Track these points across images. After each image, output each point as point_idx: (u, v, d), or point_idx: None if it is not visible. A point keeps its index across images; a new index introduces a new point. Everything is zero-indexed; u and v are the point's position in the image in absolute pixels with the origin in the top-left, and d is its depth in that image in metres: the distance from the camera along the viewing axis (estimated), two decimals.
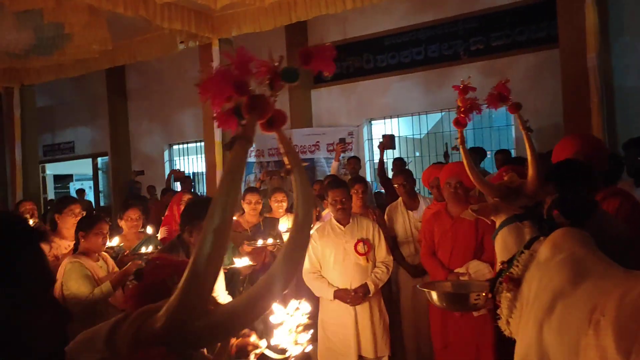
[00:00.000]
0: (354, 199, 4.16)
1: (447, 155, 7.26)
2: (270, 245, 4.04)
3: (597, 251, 2.03)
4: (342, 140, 7.18)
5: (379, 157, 6.35)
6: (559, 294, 1.91)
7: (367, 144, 8.84)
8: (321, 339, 3.78)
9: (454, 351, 3.61)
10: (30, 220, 4.84)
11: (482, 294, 2.63)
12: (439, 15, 8.00)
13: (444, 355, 3.65)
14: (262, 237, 4.12)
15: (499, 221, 2.53)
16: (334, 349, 3.71)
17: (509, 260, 2.38)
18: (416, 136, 8.77)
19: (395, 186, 4.69)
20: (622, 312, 1.57)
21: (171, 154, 11.14)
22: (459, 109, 2.54)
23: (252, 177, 8.22)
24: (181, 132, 10.62)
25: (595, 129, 5.12)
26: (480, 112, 2.59)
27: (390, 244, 4.06)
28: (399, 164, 6.55)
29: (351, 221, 3.79)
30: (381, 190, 6.95)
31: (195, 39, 6.98)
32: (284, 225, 4.60)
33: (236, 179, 0.88)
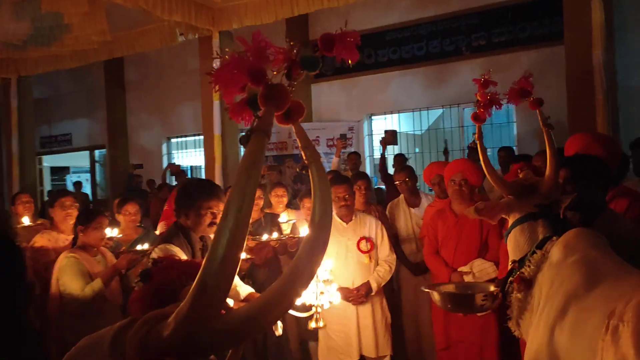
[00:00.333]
0: (357, 195, 4.09)
1: (446, 151, 7.21)
2: (274, 240, 3.97)
3: (612, 253, 1.97)
4: (343, 136, 7.12)
5: (379, 152, 6.29)
6: (572, 297, 1.85)
7: (367, 139, 8.78)
8: (322, 338, 3.72)
9: (456, 351, 3.56)
10: (25, 215, 4.76)
11: (489, 295, 2.58)
12: (441, 10, 7.93)
13: (446, 355, 3.59)
14: (265, 233, 4.06)
15: (512, 219, 2.47)
16: (335, 348, 3.65)
17: (521, 259, 2.33)
18: (417, 132, 8.71)
19: (397, 183, 4.64)
20: None
21: (169, 148, 11.06)
22: (478, 103, 2.46)
23: None
24: (180, 125, 10.54)
25: (600, 127, 5.06)
26: (500, 107, 2.52)
27: (392, 242, 4.01)
28: (400, 160, 6.49)
29: (354, 218, 3.73)
30: (381, 186, 6.90)
31: (195, 31, 6.89)
32: (284, 216, 4.55)
33: (253, 175, 0.80)
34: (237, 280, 2.94)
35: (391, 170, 6.57)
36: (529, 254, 2.28)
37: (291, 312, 2.61)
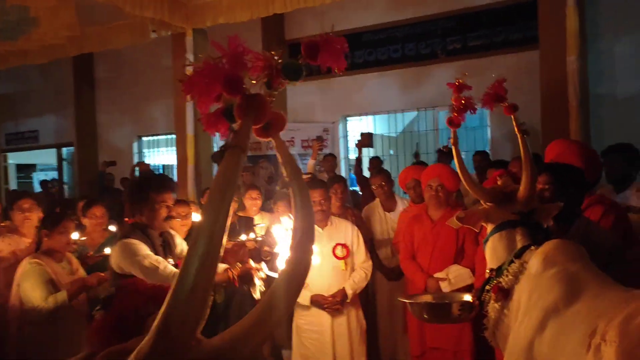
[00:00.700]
0: (333, 199, 4.03)
1: (417, 155, 7.19)
2: (251, 240, 3.86)
3: (591, 265, 1.95)
4: (319, 137, 7.05)
5: (355, 155, 6.23)
6: (552, 312, 1.82)
7: (342, 140, 8.73)
8: (296, 345, 3.64)
9: (431, 358, 3.53)
10: None
11: (466, 306, 2.55)
12: (418, 13, 7.92)
13: None
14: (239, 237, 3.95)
15: (490, 227, 2.44)
16: (309, 356, 3.58)
17: (498, 268, 2.30)
18: (392, 134, 8.70)
19: (373, 187, 4.59)
20: (627, 339, 1.48)
21: (140, 146, 10.81)
22: (453, 107, 2.42)
23: None
24: (151, 124, 10.30)
25: (573, 133, 5.11)
26: (474, 111, 2.48)
27: (368, 247, 3.95)
28: (376, 163, 6.44)
29: (329, 223, 3.66)
30: (355, 188, 6.85)
31: (168, 28, 6.72)
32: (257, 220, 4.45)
33: (227, 196, 0.72)
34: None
35: (367, 173, 6.53)
36: (506, 263, 2.24)
37: (270, 273, 2.57)
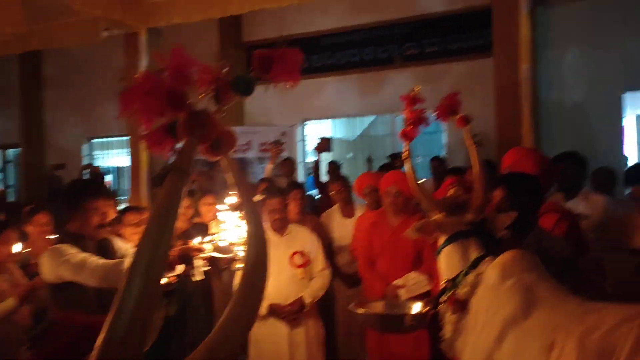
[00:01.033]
0: (291, 205, 3.96)
1: (370, 160, 7.21)
2: (205, 243, 3.74)
3: (547, 276, 1.97)
4: (277, 142, 6.95)
5: (314, 159, 6.18)
6: (511, 323, 1.82)
7: (300, 144, 8.67)
8: (252, 356, 3.55)
9: None
10: None
11: (418, 316, 2.54)
12: (375, 18, 7.96)
13: None
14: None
15: (442, 238, 2.43)
16: None
17: (453, 278, 2.29)
18: (350, 138, 8.72)
19: (332, 193, 4.55)
20: (584, 354, 1.49)
21: (91, 148, 10.43)
22: (406, 121, 2.39)
23: None
24: (103, 125, 9.92)
25: (526, 140, 5.22)
26: (428, 124, 2.46)
27: (327, 253, 3.91)
28: (334, 168, 6.41)
29: (288, 231, 3.59)
30: (313, 191, 6.79)
31: (121, 27, 6.49)
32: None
33: (168, 224, 0.64)
34: None
35: (325, 177, 6.49)
36: (462, 274, 2.24)
37: (213, 254, 2.49)
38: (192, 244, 2.59)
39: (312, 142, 7.95)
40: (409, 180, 2.45)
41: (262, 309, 3.44)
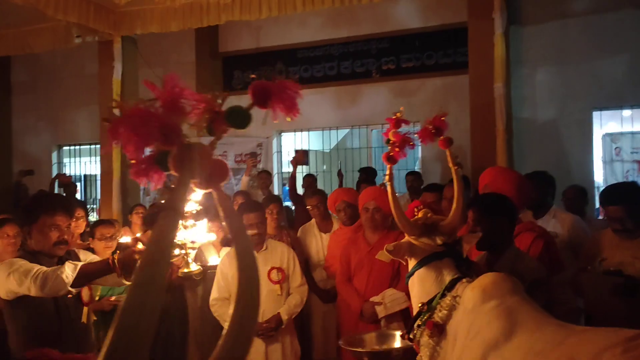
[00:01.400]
0: (268, 219, 3.91)
1: (340, 174, 7.20)
2: (178, 255, 3.65)
3: (527, 299, 1.97)
4: (253, 153, 6.90)
5: (290, 171, 6.14)
6: (492, 347, 1.81)
7: (276, 155, 8.63)
8: None
9: None
10: None
11: (409, 352, 2.52)
12: (353, 32, 8.01)
13: None
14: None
15: (413, 261, 2.39)
16: None
17: (429, 301, 2.26)
18: (325, 150, 8.71)
19: (308, 208, 4.52)
20: None
21: (61, 156, 10.17)
22: (392, 143, 2.35)
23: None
24: (73, 132, 9.70)
25: (499, 157, 5.30)
26: (413, 147, 2.45)
27: (303, 268, 3.87)
28: (311, 182, 6.38)
29: (265, 247, 3.54)
30: (288, 203, 6.75)
31: (94, 34, 6.38)
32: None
33: (159, 272, 0.60)
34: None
35: (300, 190, 6.45)
36: (438, 296, 2.21)
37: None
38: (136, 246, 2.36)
39: (288, 153, 7.91)
40: (391, 203, 2.41)
41: None
